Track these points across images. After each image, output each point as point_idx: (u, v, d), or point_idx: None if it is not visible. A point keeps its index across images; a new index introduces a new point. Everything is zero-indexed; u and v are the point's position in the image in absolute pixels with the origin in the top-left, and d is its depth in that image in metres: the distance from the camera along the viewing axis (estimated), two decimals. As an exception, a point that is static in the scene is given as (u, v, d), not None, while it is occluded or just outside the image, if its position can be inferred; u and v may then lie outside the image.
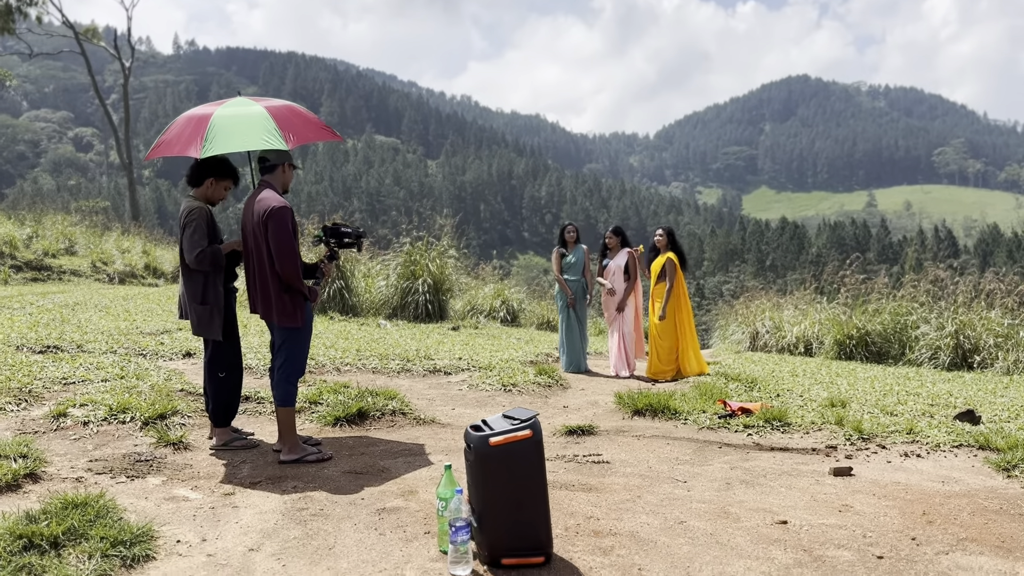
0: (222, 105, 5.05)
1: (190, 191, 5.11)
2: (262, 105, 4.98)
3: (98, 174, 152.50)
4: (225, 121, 4.84)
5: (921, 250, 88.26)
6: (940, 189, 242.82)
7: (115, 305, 11.45)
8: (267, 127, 4.78)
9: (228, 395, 5.10)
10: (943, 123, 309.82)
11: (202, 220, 4.90)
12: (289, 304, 4.73)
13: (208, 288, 4.93)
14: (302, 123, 5.06)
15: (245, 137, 4.80)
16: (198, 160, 4.98)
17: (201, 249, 4.82)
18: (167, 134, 5.07)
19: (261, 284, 4.75)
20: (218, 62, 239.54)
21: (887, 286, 12.76)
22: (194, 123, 4.92)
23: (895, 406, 6.79)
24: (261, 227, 4.66)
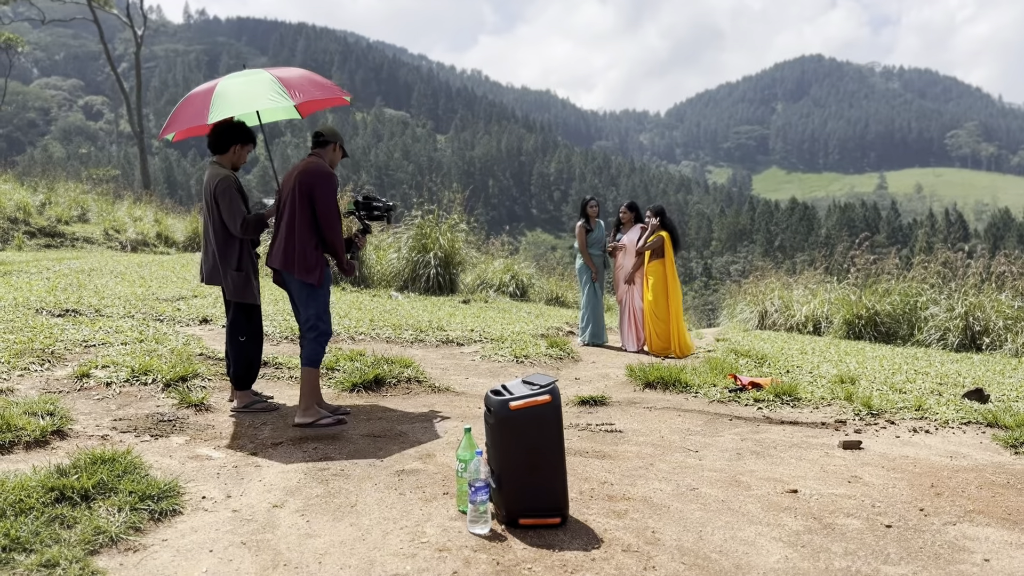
0: (230, 76, 5.23)
1: (214, 157, 5.17)
2: (271, 72, 5.12)
3: (108, 143, 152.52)
4: (231, 88, 5.00)
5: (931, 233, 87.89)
6: (952, 172, 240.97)
7: (130, 271, 11.56)
8: (273, 88, 4.91)
9: (249, 358, 5.17)
10: (957, 105, 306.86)
11: (234, 188, 4.99)
12: (312, 259, 4.82)
13: (244, 254, 5.06)
14: (308, 82, 5.17)
15: (252, 98, 4.94)
16: (221, 126, 5.06)
17: (244, 217, 4.96)
18: (176, 110, 5.19)
19: (287, 239, 4.83)
20: (228, 32, 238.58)
21: (897, 267, 12.77)
22: (201, 95, 5.07)
23: (904, 384, 6.86)
24: (305, 188, 4.77)
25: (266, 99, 4.89)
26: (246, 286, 5.05)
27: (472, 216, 16.78)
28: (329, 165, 5.04)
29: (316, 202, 4.78)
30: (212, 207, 5.00)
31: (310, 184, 4.79)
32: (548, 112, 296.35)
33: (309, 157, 5.00)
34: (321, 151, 5.03)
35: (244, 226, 4.95)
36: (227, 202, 4.94)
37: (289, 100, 4.84)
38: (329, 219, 4.80)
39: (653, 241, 8.93)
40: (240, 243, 5.04)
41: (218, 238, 5.02)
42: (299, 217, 4.80)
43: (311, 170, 4.84)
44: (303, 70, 5.34)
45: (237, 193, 5.01)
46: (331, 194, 4.82)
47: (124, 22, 37.45)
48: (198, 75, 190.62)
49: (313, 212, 4.81)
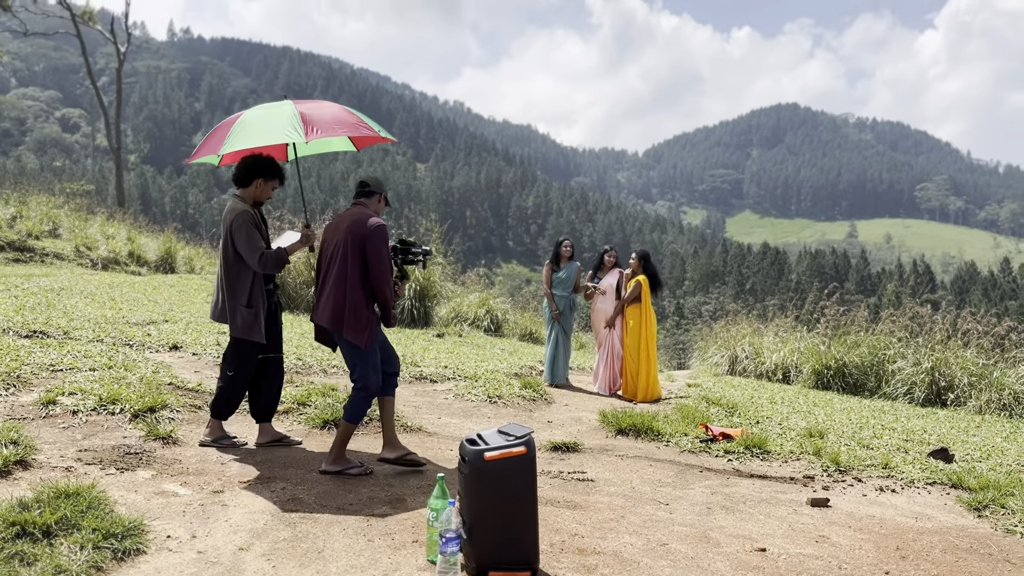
0: (259, 106, 5.11)
1: (236, 191, 5.10)
2: (298, 106, 4.91)
3: (83, 156, 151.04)
4: (251, 119, 4.90)
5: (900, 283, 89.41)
6: (921, 224, 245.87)
7: (101, 292, 11.41)
8: (291, 122, 4.73)
9: (231, 392, 5.12)
10: (927, 159, 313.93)
11: (251, 223, 4.91)
12: (364, 318, 4.65)
13: (254, 291, 4.97)
14: (334, 120, 4.94)
15: (266, 132, 4.82)
16: (247, 160, 5.03)
17: (262, 252, 4.85)
18: (208, 136, 5.13)
19: (336, 295, 4.65)
20: (212, 51, 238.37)
21: (866, 319, 12.97)
22: (226, 125, 4.99)
23: (871, 439, 6.94)
24: (357, 240, 4.61)
25: (281, 134, 4.74)
26: (254, 323, 4.95)
27: (449, 248, 16.81)
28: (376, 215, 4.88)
29: (368, 254, 4.61)
30: (227, 241, 4.91)
31: (362, 235, 4.62)
32: (528, 146, 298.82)
33: (355, 207, 4.87)
34: (367, 201, 4.89)
35: (263, 260, 4.84)
36: (243, 236, 4.85)
37: (302, 138, 4.62)
38: (381, 272, 4.64)
39: (633, 288, 9.03)
40: (252, 279, 4.96)
41: (230, 273, 4.94)
42: (350, 271, 4.62)
43: (363, 221, 4.67)
44: (335, 106, 5.14)
45: (254, 228, 4.91)
46: (384, 246, 4.66)
47: (108, 38, 37.33)
48: (179, 92, 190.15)
49: (364, 265, 4.65)
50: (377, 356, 4.79)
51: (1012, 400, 10.29)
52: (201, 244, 25.43)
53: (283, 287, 13.13)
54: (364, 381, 4.71)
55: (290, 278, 13.25)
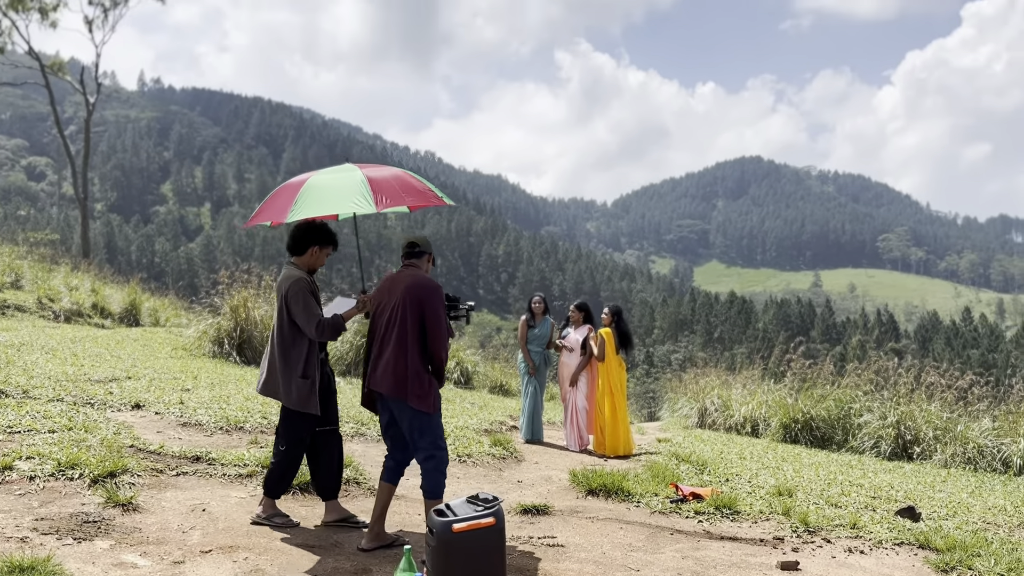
0: (324, 172, 4.94)
1: (290, 258, 4.98)
2: (363, 171, 4.78)
3: (49, 205, 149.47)
4: (317, 186, 4.73)
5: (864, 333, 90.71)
6: (883, 274, 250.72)
7: (62, 347, 11.19)
8: (360, 190, 4.57)
9: (285, 468, 4.94)
10: (888, 211, 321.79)
11: (307, 290, 4.77)
12: (427, 385, 4.52)
13: (310, 361, 4.79)
14: (400, 187, 4.80)
15: (334, 200, 4.66)
16: (301, 227, 4.89)
17: (319, 320, 4.70)
18: (266, 201, 4.96)
19: (397, 360, 4.50)
20: (183, 101, 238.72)
21: (832, 372, 13.12)
22: (290, 190, 4.82)
23: (839, 497, 6.96)
24: (416, 303, 4.52)
25: (350, 203, 4.56)
26: (310, 395, 4.76)
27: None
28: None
29: (427, 317, 4.52)
30: (282, 310, 4.79)
31: (420, 298, 4.53)
32: (499, 196, 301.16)
33: (407, 269, 4.77)
34: (417, 262, 4.80)
35: (320, 328, 4.68)
36: (300, 305, 4.71)
37: (372, 207, 4.46)
38: (440, 334, 4.55)
39: (600, 343, 9.08)
40: (308, 348, 4.79)
41: (284, 342, 4.78)
42: (410, 335, 4.50)
43: (421, 283, 4.60)
44: (398, 171, 4.97)
45: (311, 295, 4.78)
46: (442, 308, 4.58)
47: (77, 88, 37.26)
48: (148, 141, 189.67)
49: (422, 328, 4.54)
50: (441, 417, 4.67)
51: (976, 454, 10.42)
52: (167, 294, 25.14)
53: (249, 340, 12.99)
54: (433, 449, 4.55)
55: (257, 331, 13.10)
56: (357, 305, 4.87)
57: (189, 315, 20.37)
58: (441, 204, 5.05)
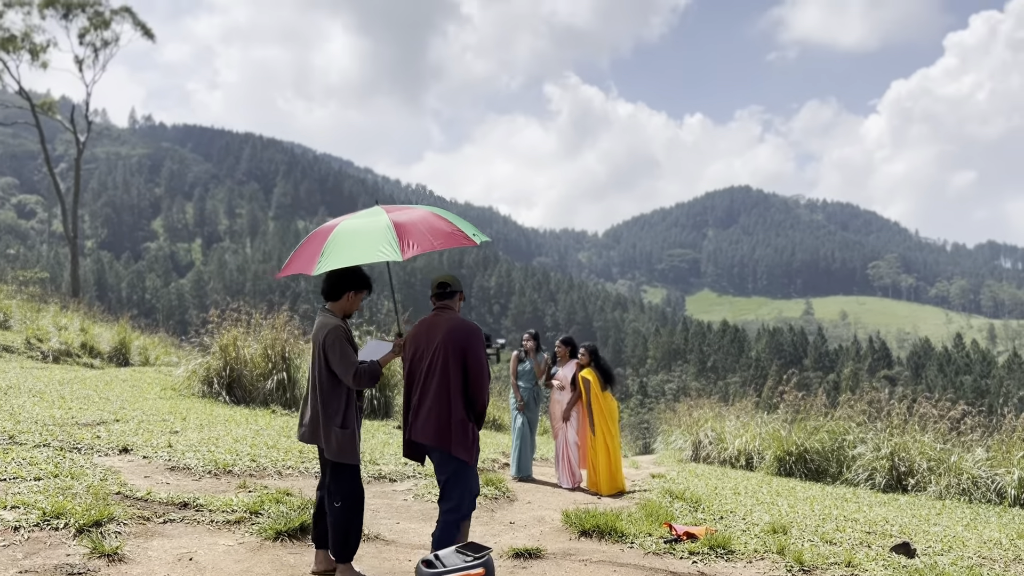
0: (353, 216, 4.87)
1: (325, 304, 4.90)
2: (390, 215, 4.69)
3: (39, 242, 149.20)
4: (344, 234, 4.64)
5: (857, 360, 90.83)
6: (874, 301, 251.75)
7: (50, 390, 11.08)
8: (386, 237, 4.47)
9: (346, 527, 4.73)
10: (877, 238, 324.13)
11: (344, 338, 4.67)
12: (471, 435, 4.41)
13: (350, 409, 4.69)
14: (428, 230, 4.66)
15: (361, 250, 4.53)
16: (336, 272, 4.76)
17: (357, 368, 4.60)
18: (297, 250, 4.90)
19: (439, 409, 4.41)
20: (173, 138, 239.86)
21: (825, 404, 13.10)
22: (319, 237, 4.74)
23: (834, 533, 6.91)
24: (458, 350, 4.43)
25: (376, 251, 4.43)
26: (350, 445, 4.64)
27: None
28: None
29: (469, 363, 4.42)
30: (319, 358, 4.68)
31: (462, 343, 4.44)
32: (490, 227, 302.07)
33: (442, 311, 4.69)
34: (450, 302, 4.73)
35: (358, 377, 4.58)
36: (337, 353, 4.60)
37: (398, 255, 4.31)
38: (483, 380, 4.44)
39: (583, 384, 9.06)
40: (347, 397, 4.69)
41: (323, 391, 4.67)
42: (453, 382, 4.40)
43: (461, 327, 4.50)
44: (425, 211, 4.85)
45: (348, 343, 4.67)
46: (484, 352, 4.48)
47: (67, 127, 37.38)
48: (139, 178, 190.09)
49: (464, 374, 4.43)
50: (476, 473, 4.57)
51: (971, 485, 10.38)
52: (157, 332, 25.02)
53: (239, 379, 12.90)
54: (459, 502, 4.46)
55: (247, 370, 13.02)
56: (394, 349, 4.80)
57: (179, 353, 20.25)
58: (471, 244, 4.84)
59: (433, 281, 4.89)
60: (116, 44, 37.29)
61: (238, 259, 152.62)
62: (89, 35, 36.63)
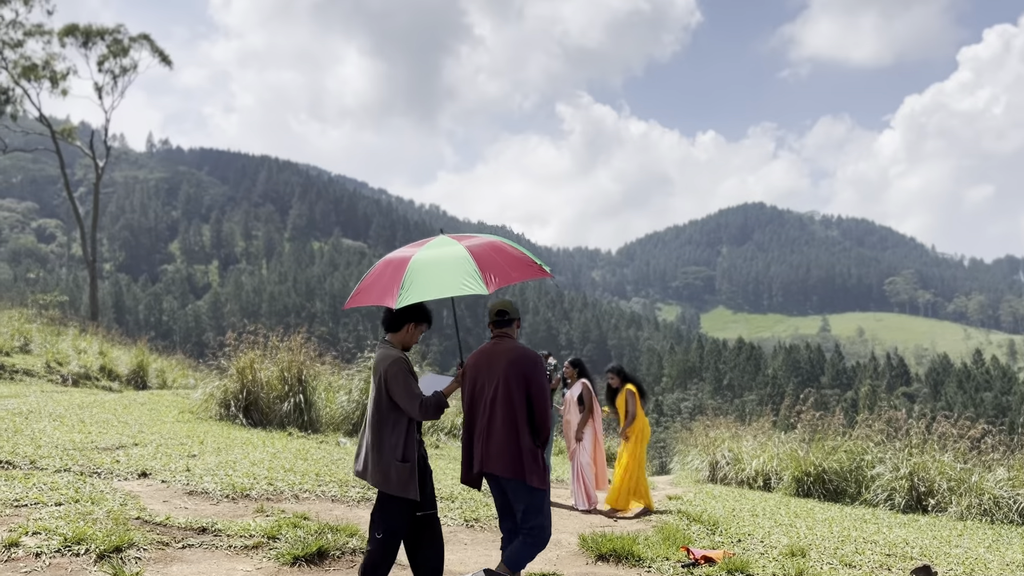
0: (423, 246, 4.79)
1: (385, 336, 4.86)
2: (463, 244, 4.66)
3: (58, 266, 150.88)
4: (423, 266, 4.56)
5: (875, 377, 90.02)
6: (892, 317, 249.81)
7: (70, 414, 11.19)
8: (466, 269, 4.44)
9: (381, 556, 4.59)
10: (893, 254, 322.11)
11: (407, 370, 4.62)
12: (541, 461, 4.41)
13: (409, 443, 4.59)
14: (505, 262, 4.63)
15: (443, 282, 4.46)
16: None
17: (422, 400, 4.54)
18: (366, 280, 4.82)
19: (508, 439, 4.40)
20: (190, 161, 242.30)
21: (843, 423, 13.01)
22: (392, 268, 4.68)
23: (853, 556, 6.86)
24: (521, 379, 4.43)
25: (459, 284, 4.38)
26: (410, 479, 4.53)
27: (427, 355, 16.78)
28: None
29: (533, 392, 4.42)
30: (380, 390, 4.61)
31: (526, 373, 4.44)
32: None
33: (501, 339, 4.68)
34: (508, 330, 4.72)
35: (424, 408, 4.51)
36: (400, 385, 4.54)
37: (483, 287, 4.27)
38: (547, 409, 4.44)
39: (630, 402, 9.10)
40: (407, 430, 4.60)
41: (382, 424, 4.60)
42: (520, 412, 4.41)
43: (523, 356, 4.50)
44: (494, 240, 4.79)
45: (411, 375, 4.62)
46: (547, 380, 4.49)
47: (86, 153, 37.90)
48: (156, 201, 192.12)
49: (529, 403, 4.43)
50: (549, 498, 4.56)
51: (992, 505, 10.27)
52: (174, 354, 25.22)
53: (255, 402, 12.97)
54: (544, 524, 4.46)
55: (263, 393, 13.09)
56: (456, 379, 4.77)
57: (196, 375, 20.41)
58: (546, 275, 4.79)
59: (491, 308, 4.86)
60: (134, 70, 37.89)
61: (254, 281, 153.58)
62: (108, 62, 37.25)
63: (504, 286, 4.47)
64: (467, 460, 4.72)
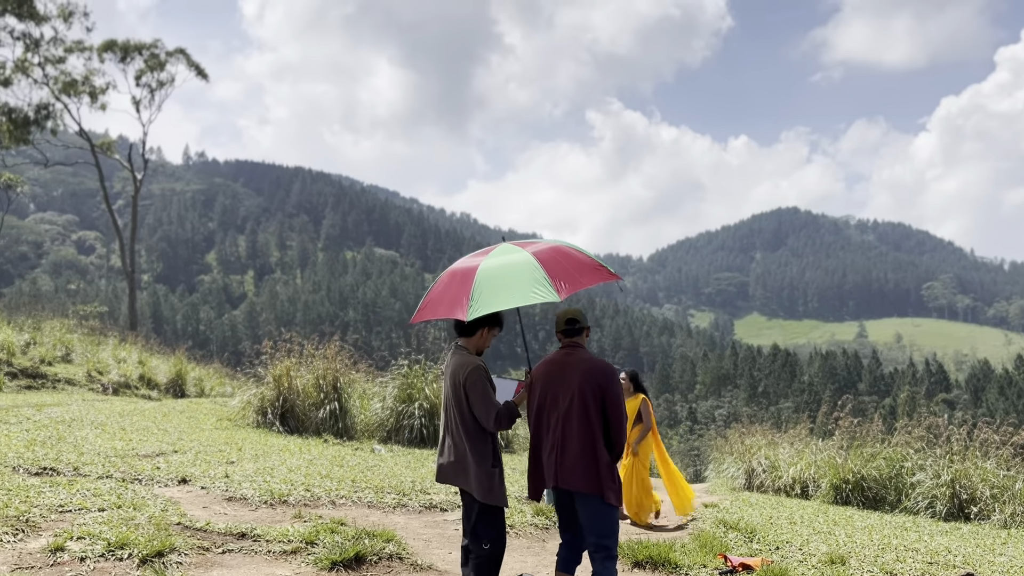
0: (487, 255, 4.68)
1: (459, 340, 4.80)
2: (529, 251, 4.56)
3: (97, 277, 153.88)
4: (490, 275, 4.45)
5: (913, 383, 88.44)
6: (930, 323, 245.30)
7: (111, 422, 11.41)
8: (535, 277, 4.32)
9: (491, 568, 4.57)
10: (931, 258, 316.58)
11: (486, 379, 4.56)
12: (617, 478, 4.33)
13: (496, 450, 4.57)
14: (574, 267, 4.52)
15: (512, 291, 4.35)
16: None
17: (498, 411, 4.48)
18: (432, 292, 4.74)
19: (583, 453, 4.28)
20: (226, 173, 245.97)
21: (882, 430, 12.80)
22: (458, 279, 4.58)
23: (894, 564, 6.75)
24: (597, 392, 4.31)
25: (530, 293, 4.26)
26: (501, 486, 4.53)
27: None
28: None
29: (609, 405, 4.31)
30: (462, 399, 4.56)
31: (602, 386, 4.33)
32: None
33: (572, 349, 4.55)
34: (579, 339, 4.59)
35: (498, 419, 4.47)
36: (479, 395, 4.49)
37: (554, 294, 4.17)
38: (623, 423, 4.35)
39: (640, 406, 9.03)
40: (493, 437, 4.61)
41: (469, 433, 4.55)
42: (596, 426, 4.30)
43: (599, 368, 4.38)
44: (558, 245, 4.69)
45: (489, 384, 4.57)
46: (622, 393, 4.40)
47: (124, 166, 38.67)
48: (193, 213, 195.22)
49: (605, 417, 4.33)
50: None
51: (1038, 513, 10.03)
52: (212, 363, 25.60)
53: (292, 409, 13.10)
54: (610, 547, 4.39)
55: (299, 400, 13.23)
56: (524, 388, 4.73)
57: (233, 384, 20.70)
58: (616, 279, 4.65)
59: (559, 316, 4.71)
60: (171, 84, 38.61)
61: (289, 290, 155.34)
62: (145, 77, 38.00)
63: (574, 292, 4.32)
64: (537, 475, 4.59)
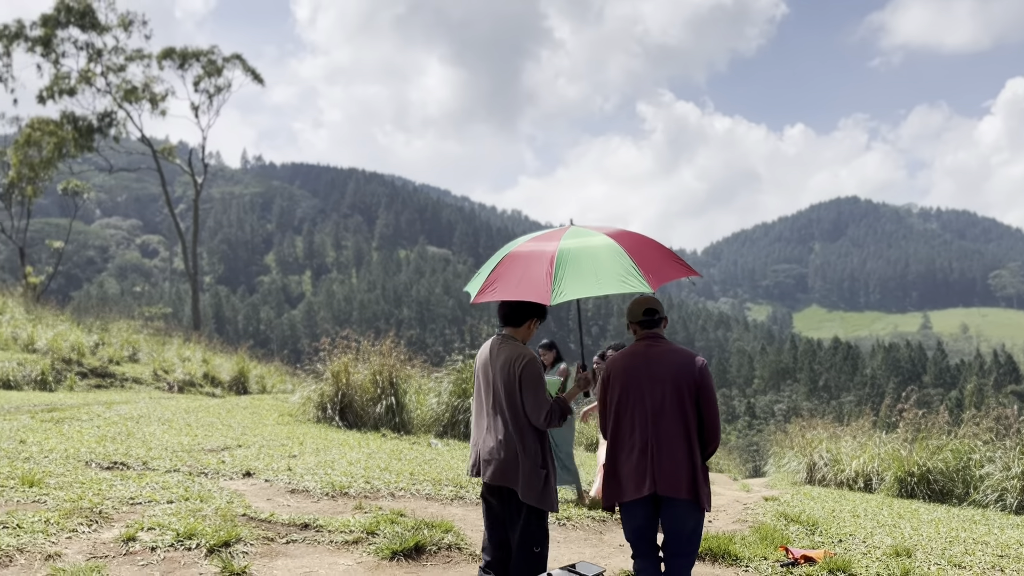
0: (559, 238, 4.25)
1: (504, 330, 4.48)
2: (604, 233, 4.21)
3: (161, 279, 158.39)
4: (573, 258, 4.07)
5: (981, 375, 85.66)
6: (998, 312, 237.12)
7: (177, 418, 11.76)
8: (624, 265, 3.97)
9: (539, 568, 4.26)
10: (998, 246, 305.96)
11: (541, 372, 4.28)
12: (708, 479, 4.09)
13: (547, 448, 4.28)
14: (660, 257, 4.17)
15: (600, 278, 3.98)
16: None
17: (550, 407, 4.20)
18: (496, 272, 4.28)
19: (681, 458, 3.97)
20: (283, 176, 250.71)
21: (948, 422, 12.45)
22: (534, 261, 4.16)
23: (963, 557, 6.57)
24: (691, 388, 4.01)
25: (618, 282, 3.93)
26: (550, 487, 4.21)
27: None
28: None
29: (703, 401, 4.03)
30: (514, 392, 4.24)
31: (696, 379, 4.02)
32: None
33: (654, 341, 4.23)
34: (659, 330, 4.27)
35: (550, 416, 4.18)
36: (534, 390, 4.19)
37: (646, 285, 3.83)
38: (718, 423, 4.07)
39: None
40: (544, 435, 4.29)
41: (520, 428, 4.23)
42: (692, 427, 4.00)
43: (691, 361, 4.06)
44: (625, 230, 4.34)
45: (542, 379, 4.27)
46: (714, 388, 4.12)
47: (185, 170, 39.72)
48: (251, 215, 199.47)
49: (700, 418, 4.04)
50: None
51: (1116, 506, 9.65)
52: (272, 361, 26.15)
53: (350, 404, 13.31)
54: (694, 553, 4.17)
55: (357, 396, 13.44)
56: (579, 383, 4.43)
57: (293, 380, 21.12)
58: (695, 274, 4.31)
59: (634, 305, 4.37)
60: (228, 89, 39.47)
61: (345, 289, 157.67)
62: (203, 83, 38.94)
63: (664, 283, 3.95)
64: (616, 480, 4.21)
